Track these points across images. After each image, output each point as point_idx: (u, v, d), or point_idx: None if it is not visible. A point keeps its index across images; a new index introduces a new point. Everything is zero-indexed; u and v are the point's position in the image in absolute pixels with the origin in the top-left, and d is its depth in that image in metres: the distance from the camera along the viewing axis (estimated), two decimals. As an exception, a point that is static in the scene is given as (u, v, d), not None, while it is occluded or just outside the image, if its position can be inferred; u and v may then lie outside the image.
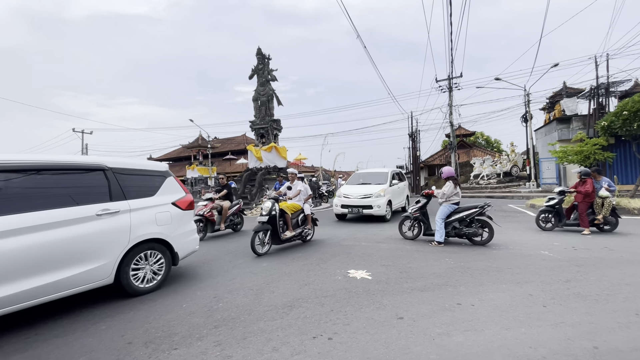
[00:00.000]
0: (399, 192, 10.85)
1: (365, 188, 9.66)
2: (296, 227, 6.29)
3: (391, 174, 10.43)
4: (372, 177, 10.61)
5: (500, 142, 46.27)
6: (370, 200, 9.20)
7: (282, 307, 3.24)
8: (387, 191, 9.63)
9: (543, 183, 19.78)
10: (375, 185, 9.83)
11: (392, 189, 10.04)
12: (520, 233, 7.08)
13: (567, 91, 20.12)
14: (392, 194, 9.94)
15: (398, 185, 10.68)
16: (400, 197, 11.01)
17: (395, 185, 10.32)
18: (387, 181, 9.96)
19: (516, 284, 3.81)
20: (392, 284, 3.89)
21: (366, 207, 9.18)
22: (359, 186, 9.98)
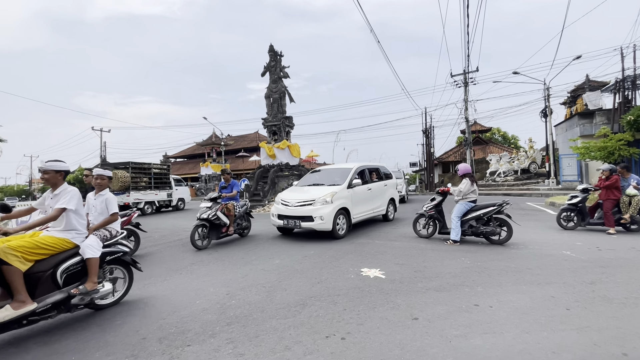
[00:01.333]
0: (370, 196, 7.86)
1: (311, 192, 6.93)
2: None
3: (354, 172, 7.46)
4: (329, 175, 7.83)
5: (518, 138, 45.04)
6: (311, 209, 6.40)
7: (294, 305, 3.21)
8: (341, 196, 6.75)
9: (563, 180, 19.10)
10: (326, 187, 7.05)
11: (350, 192, 7.04)
12: (540, 232, 6.83)
13: (590, 84, 19.29)
14: (350, 200, 7.00)
15: (368, 187, 7.77)
16: (374, 202, 8.07)
17: (357, 186, 7.21)
18: (345, 182, 7.09)
19: (537, 285, 3.66)
20: (407, 283, 3.81)
21: (305, 219, 6.41)
22: (308, 188, 7.28)
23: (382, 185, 8.59)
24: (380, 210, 8.46)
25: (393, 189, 9.31)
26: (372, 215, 8.18)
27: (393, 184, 9.30)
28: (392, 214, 9.22)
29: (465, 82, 22.89)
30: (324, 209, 6.44)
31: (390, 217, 8.99)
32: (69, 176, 30.74)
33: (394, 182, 9.38)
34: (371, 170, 8.62)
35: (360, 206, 7.42)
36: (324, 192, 6.69)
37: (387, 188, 8.86)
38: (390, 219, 8.99)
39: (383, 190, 8.64)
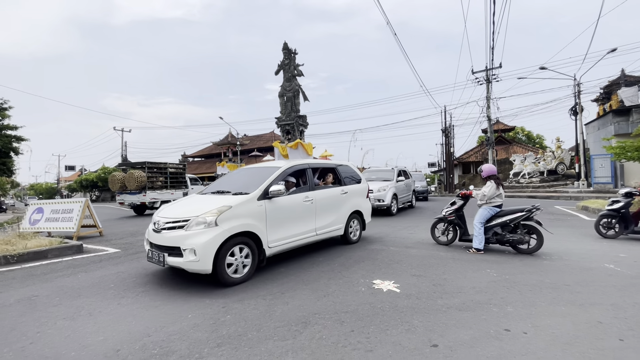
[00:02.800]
0: (309, 211, 5.17)
1: (199, 204, 4.32)
2: None
3: (279, 174, 4.81)
4: (246, 178, 5.21)
5: (543, 137, 42.98)
6: (180, 235, 3.84)
7: (295, 324, 2.85)
8: (240, 213, 4.11)
9: (595, 182, 17.84)
10: (227, 197, 4.44)
11: (263, 206, 4.38)
12: (575, 240, 6.17)
13: (625, 80, 17.95)
14: (263, 218, 4.34)
15: (305, 196, 5.10)
16: (320, 218, 5.36)
17: (280, 196, 4.56)
18: (257, 189, 4.43)
19: (578, 306, 3.14)
20: (424, 299, 3.37)
21: (173, 252, 3.85)
22: (206, 198, 4.61)
23: (337, 194, 5.81)
24: (333, 229, 5.64)
25: (359, 198, 6.40)
26: (315, 238, 5.27)
27: (359, 191, 6.48)
28: (357, 234, 6.36)
29: (487, 79, 21.89)
30: (200, 236, 3.70)
31: (353, 237, 6.18)
32: (93, 175, 31.51)
33: (362, 188, 6.61)
34: (324, 170, 6.17)
35: (288, 227, 4.68)
36: (208, 207, 3.98)
37: (346, 197, 5.99)
38: (354, 241, 6.20)
39: (339, 201, 5.80)
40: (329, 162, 7.11)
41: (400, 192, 11.60)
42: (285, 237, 4.64)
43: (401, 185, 11.80)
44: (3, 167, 14.84)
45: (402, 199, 11.86)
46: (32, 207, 8.46)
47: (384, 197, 10.43)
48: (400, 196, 11.52)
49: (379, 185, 10.72)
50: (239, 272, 3.99)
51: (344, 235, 6.02)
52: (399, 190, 11.46)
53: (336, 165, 6.39)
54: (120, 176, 14.49)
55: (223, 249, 3.80)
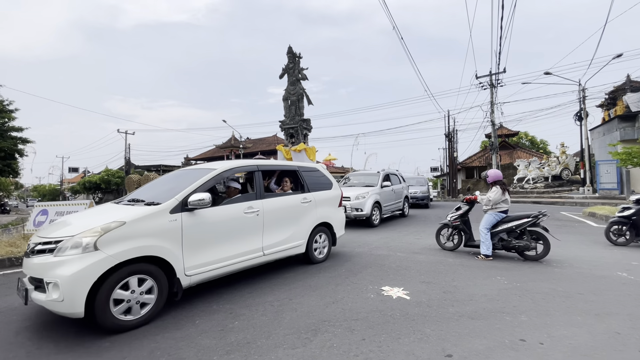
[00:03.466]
0: (254, 225, 4.10)
1: (80, 221, 3.20)
2: None
3: (208, 180, 3.71)
4: (168, 185, 4.03)
5: (547, 142, 42.81)
6: (48, 263, 2.75)
7: (305, 331, 2.79)
8: (129, 233, 2.95)
9: (601, 188, 17.70)
10: (130, 209, 3.37)
11: (179, 220, 3.30)
12: (585, 247, 6.08)
13: (631, 85, 17.87)
14: (176, 237, 3.25)
15: (248, 206, 4.02)
16: (272, 233, 4.32)
17: (203, 208, 3.45)
18: (174, 198, 3.37)
19: (594, 316, 3.06)
20: (435, 307, 3.30)
21: (38, 284, 2.84)
22: (110, 209, 3.59)
23: (295, 203, 4.75)
24: (290, 247, 4.56)
25: (328, 208, 5.30)
26: (263, 259, 4.15)
27: (329, 199, 5.38)
28: (324, 251, 5.24)
29: (491, 83, 21.86)
30: (68, 265, 2.67)
31: (318, 256, 5.09)
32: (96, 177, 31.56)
33: (333, 196, 5.50)
34: (283, 173, 5.16)
35: (218, 247, 3.62)
36: (93, 223, 2.95)
37: (310, 207, 4.92)
38: (319, 260, 5.08)
39: (298, 211, 4.75)
40: (289, 163, 5.63)
41: (386, 200, 10.03)
42: (213, 260, 3.53)
43: (387, 192, 10.19)
44: (8, 168, 14.91)
45: (388, 208, 10.25)
46: (36, 209, 8.46)
47: (362, 205, 8.86)
48: (385, 204, 9.95)
49: (358, 191, 9.14)
50: (134, 312, 2.89)
51: (305, 254, 4.89)
52: (384, 197, 9.90)
53: (299, 167, 5.24)
54: (136, 178, 14.69)
55: (106, 283, 2.73)
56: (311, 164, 5.68)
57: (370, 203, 8.98)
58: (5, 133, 14.15)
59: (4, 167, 14.49)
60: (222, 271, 3.67)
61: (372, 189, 9.45)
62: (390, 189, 10.45)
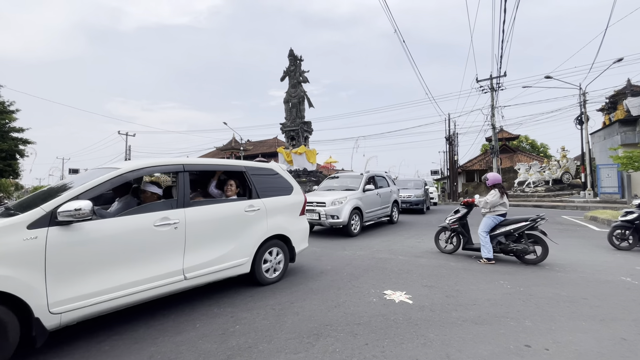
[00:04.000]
0: (148, 244, 3.05)
1: None
2: None
3: (100, 183, 2.84)
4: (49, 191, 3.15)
5: (548, 146, 42.84)
6: None
7: (307, 335, 2.75)
8: None
9: (602, 192, 17.67)
10: None
11: (10, 247, 2.29)
12: (587, 252, 6.05)
13: (632, 89, 17.89)
14: (15, 263, 2.29)
15: (162, 217, 3.14)
16: (174, 256, 3.21)
17: (79, 219, 2.53)
18: (35, 210, 2.48)
19: (599, 321, 3.03)
20: (438, 311, 3.27)
21: None
22: None
23: (237, 211, 3.86)
24: (228, 267, 3.66)
25: (285, 217, 4.41)
26: (185, 284, 3.27)
27: (287, 206, 4.50)
28: (280, 268, 4.33)
29: (492, 87, 21.91)
30: None
31: (268, 277, 4.16)
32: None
33: (293, 202, 4.62)
34: (227, 175, 4.34)
35: (110, 271, 2.79)
36: None
37: (258, 216, 4.04)
38: (270, 280, 4.17)
39: (240, 222, 3.87)
40: (233, 163, 4.29)
41: (369, 205, 8.82)
42: (100, 290, 2.66)
43: (370, 197, 8.97)
44: (9, 169, 14.90)
45: (371, 214, 8.99)
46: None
47: (339, 212, 7.67)
48: (368, 210, 8.72)
49: (335, 196, 7.99)
50: None
51: (251, 274, 3.96)
52: (367, 202, 8.70)
53: (246, 168, 4.22)
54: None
55: None
56: (266, 164, 4.70)
57: (349, 209, 7.85)
58: (6, 134, 14.16)
59: (4, 168, 14.49)
60: (115, 304, 2.74)
61: (352, 193, 8.33)
62: (375, 192, 9.29)
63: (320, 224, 7.93)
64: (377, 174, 10.30)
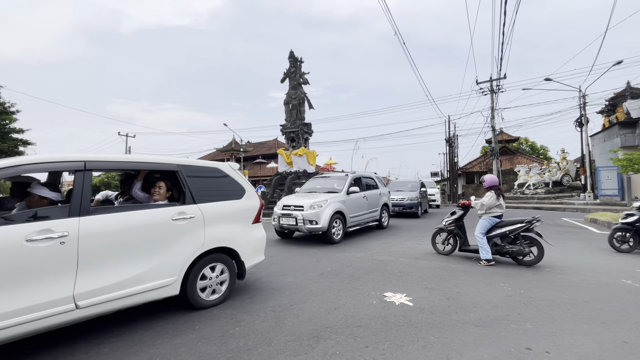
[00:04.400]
0: (17, 266, 2.27)
1: None
2: None
3: None
4: None
5: (547, 148, 42.84)
6: None
7: (307, 338, 2.74)
8: None
9: (602, 195, 17.65)
10: None
11: None
12: (588, 254, 6.03)
13: (631, 92, 17.91)
14: None
15: None
16: (60, 279, 2.44)
17: None
18: None
19: (600, 324, 3.02)
20: (439, 314, 3.25)
21: None
22: None
23: (159, 220, 3.13)
24: (145, 289, 2.90)
25: (231, 226, 3.71)
26: (73, 316, 2.49)
27: (233, 213, 3.77)
28: (222, 289, 3.61)
29: (491, 89, 21.94)
30: None
31: (208, 298, 3.47)
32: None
33: (242, 208, 3.89)
34: (155, 174, 3.62)
35: None
36: None
37: (189, 226, 3.30)
38: (209, 304, 3.43)
39: (165, 233, 3.14)
40: (161, 160, 3.50)
41: (353, 209, 8.05)
42: None
43: (355, 199, 8.16)
44: (8, 170, 14.90)
45: (356, 218, 8.22)
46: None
47: (318, 217, 6.98)
48: (352, 214, 7.98)
49: (314, 199, 7.31)
50: None
51: (181, 295, 3.23)
52: (351, 205, 7.93)
53: (179, 167, 3.45)
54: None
55: None
56: (210, 162, 3.89)
57: (329, 214, 7.07)
58: (6, 135, 14.16)
59: (4, 169, 14.48)
60: None
61: (334, 196, 7.61)
62: (361, 195, 8.45)
63: (297, 229, 7.24)
64: (365, 175, 9.57)
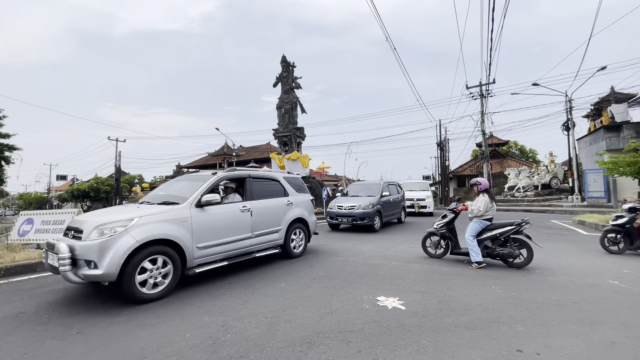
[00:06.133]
0: None
1: None
2: None
3: None
4: None
5: (536, 151, 43.69)
6: None
7: (299, 344, 2.72)
8: None
9: (589, 197, 18.04)
10: None
11: None
12: (576, 256, 6.14)
13: (615, 96, 18.42)
14: None
15: None
16: None
17: None
18: None
19: (589, 325, 3.06)
20: (431, 317, 3.26)
21: None
22: None
23: None
24: None
25: None
26: None
27: None
28: None
29: (481, 93, 22.32)
30: None
31: None
32: (85, 185, 30.97)
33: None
34: None
35: None
36: None
37: None
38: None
39: None
40: None
41: (214, 235, 4.63)
42: None
43: (214, 216, 4.64)
44: (-7, 176, 14.52)
45: (221, 249, 4.74)
46: (21, 218, 8.19)
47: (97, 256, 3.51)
48: (207, 243, 4.50)
49: None
50: None
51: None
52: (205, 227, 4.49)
53: None
54: None
55: None
56: None
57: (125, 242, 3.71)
58: (-10, 140, 13.84)
59: (-12, 175, 14.12)
60: None
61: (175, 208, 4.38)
62: (241, 208, 5.16)
63: None
64: (253, 176, 5.70)
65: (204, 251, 4.48)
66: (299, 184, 6.99)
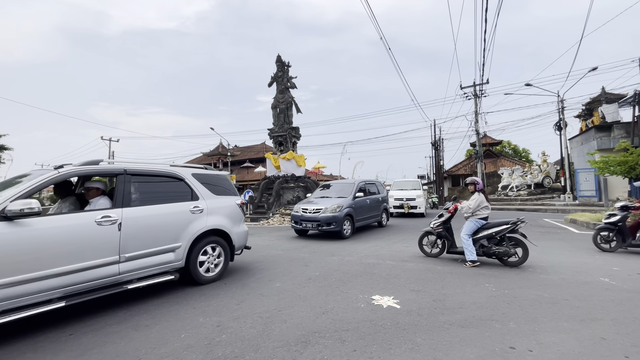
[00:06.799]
0: None
1: None
2: None
3: None
4: None
5: (529, 151, 44.15)
6: None
7: (295, 343, 2.72)
8: None
9: (581, 196, 18.29)
10: None
11: None
12: (568, 254, 6.23)
13: (606, 97, 18.70)
14: None
15: None
16: None
17: None
18: None
19: (580, 321, 3.11)
20: (426, 315, 3.29)
21: None
22: None
23: None
24: None
25: None
26: None
27: None
28: None
29: (475, 94, 22.50)
30: None
31: None
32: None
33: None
34: None
35: None
36: None
37: None
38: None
39: None
40: None
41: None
42: None
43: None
44: (-17, 176, 14.27)
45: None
46: None
47: None
48: None
49: None
50: None
51: None
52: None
53: None
54: None
55: None
56: None
57: None
58: (-20, 140, 13.61)
59: (-22, 175, 13.87)
60: None
61: None
62: None
63: None
64: (138, 171, 4.37)
65: (7, 290, 2.76)
66: (219, 184, 5.06)
